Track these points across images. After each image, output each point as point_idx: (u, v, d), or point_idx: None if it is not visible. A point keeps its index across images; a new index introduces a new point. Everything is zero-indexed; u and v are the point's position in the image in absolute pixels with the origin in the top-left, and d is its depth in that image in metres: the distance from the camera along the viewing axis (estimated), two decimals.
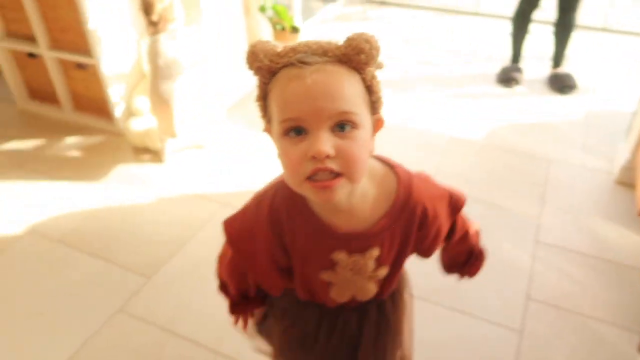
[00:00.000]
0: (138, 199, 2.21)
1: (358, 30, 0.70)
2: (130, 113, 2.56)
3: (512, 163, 2.39)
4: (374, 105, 0.73)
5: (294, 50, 0.67)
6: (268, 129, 0.75)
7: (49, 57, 2.58)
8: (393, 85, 3.08)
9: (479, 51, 3.52)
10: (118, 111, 2.56)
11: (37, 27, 2.48)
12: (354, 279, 0.83)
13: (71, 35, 2.47)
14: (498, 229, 2.01)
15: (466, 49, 3.56)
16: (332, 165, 0.66)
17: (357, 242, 0.79)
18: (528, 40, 3.05)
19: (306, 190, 0.69)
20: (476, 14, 4.13)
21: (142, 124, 2.45)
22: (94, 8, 2.29)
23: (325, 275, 0.84)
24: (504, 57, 3.22)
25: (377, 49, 0.69)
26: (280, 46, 0.69)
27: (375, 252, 0.80)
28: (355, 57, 0.67)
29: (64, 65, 2.64)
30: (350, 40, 0.67)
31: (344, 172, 0.67)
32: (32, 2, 2.42)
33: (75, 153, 2.53)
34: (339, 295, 0.87)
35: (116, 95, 2.52)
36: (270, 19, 3.20)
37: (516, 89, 3.03)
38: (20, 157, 2.51)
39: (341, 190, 0.68)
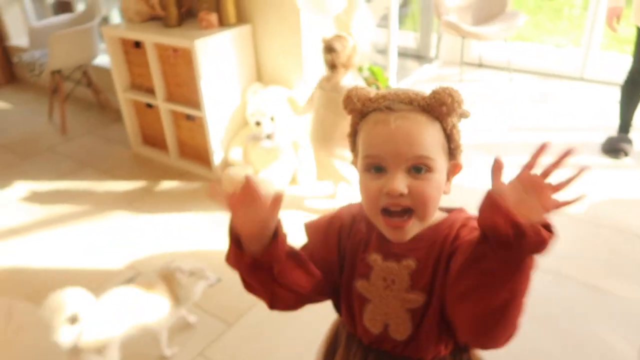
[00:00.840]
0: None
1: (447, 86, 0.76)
2: (227, 162, 2.74)
3: (616, 242, 2.20)
4: (452, 152, 0.80)
5: (384, 97, 0.77)
6: (355, 162, 0.84)
7: (164, 108, 2.85)
8: (487, 149, 3.01)
9: (582, 118, 3.35)
10: (217, 159, 2.74)
11: (157, 82, 2.76)
12: (386, 295, 0.82)
13: (184, 90, 2.72)
14: (602, 318, 1.83)
15: (568, 116, 3.40)
16: (404, 201, 0.74)
17: (398, 247, 0.81)
18: (639, 110, 2.86)
19: (380, 224, 0.78)
20: (581, 79, 3.96)
21: (237, 172, 2.59)
22: (207, 66, 2.51)
23: (360, 284, 0.85)
24: (610, 127, 3.03)
25: (460, 102, 0.75)
26: (373, 92, 0.78)
27: (411, 263, 0.80)
28: (438, 107, 0.75)
29: (175, 115, 2.90)
30: (435, 93, 0.75)
31: (414, 208, 0.75)
32: (157, 60, 2.72)
33: (177, 196, 2.72)
34: (372, 321, 0.85)
35: (216, 145, 2.71)
36: (366, 80, 3.30)
37: (624, 160, 2.82)
38: (128, 196, 2.75)
39: (411, 231, 0.77)
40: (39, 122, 3.73)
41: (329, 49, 2.23)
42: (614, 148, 2.84)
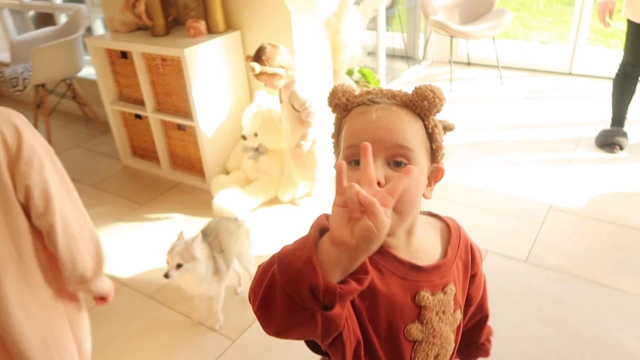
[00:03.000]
0: None
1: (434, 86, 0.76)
2: (225, 171, 2.68)
3: (618, 237, 2.19)
4: (434, 153, 0.78)
5: (368, 92, 0.77)
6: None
7: (154, 118, 2.79)
8: (481, 148, 2.99)
9: (574, 113, 3.36)
10: (210, 170, 2.69)
11: (146, 92, 2.70)
12: (439, 327, 0.80)
13: (174, 99, 2.66)
14: (607, 312, 1.81)
15: (560, 111, 3.40)
16: None
17: (437, 275, 0.80)
18: (632, 102, 2.86)
19: None
20: (569, 74, 3.98)
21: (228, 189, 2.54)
22: (197, 74, 2.46)
23: (414, 329, 0.78)
24: (603, 120, 3.04)
25: (441, 99, 0.74)
26: (358, 90, 0.78)
27: (452, 287, 0.81)
28: (419, 102, 0.74)
29: (165, 126, 2.83)
30: (417, 89, 0.75)
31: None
32: (145, 70, 2.66)
33: (170, 208, 2.66)
34: (424, 357, 0.81)
35: (209, 155, 2.66)
36: (357, 82, 3.27)
37: (619, 154, 2.82)
38: (119, 210, 2.68)
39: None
40: None
41: (257, 56, 2.24)
42: (609, 142, 2.85)
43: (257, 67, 2.21)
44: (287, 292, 0.57)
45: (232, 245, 1.89)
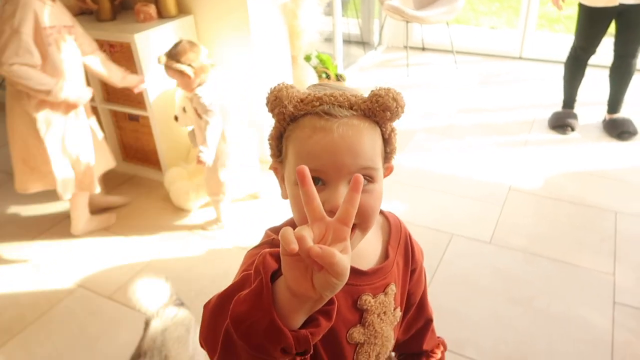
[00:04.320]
0: (189, 253, 2.17)
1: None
2: (182, 163, 2.57)
3: (576, 215, 2.26)
4: (388, 155, 0.74)
5: (319, 99, 0.67)
6: (275, 169, 0.75)
7: (103, 109, 2.63)
8: (440, 133, 3.02)
9: (525, 96, 3.44)
10: (166, 162, 2.57)
11: (93, 81, 2.53)
12: (380, 327, 0.79)
13: (125, 89, 2.51)
14: (571, 290, 1.87)
15: (513, 94, 3.48)
16: None
17: (378, 277, 0.77)
18: (582, 85, 2.96)
19: None
20: (520, 58, 4.08)
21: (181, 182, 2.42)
22: (148, 61, 2.33)
23: (356, 333, 0.76)
24: (554, 103, 3.13)
25: (403, 107, 0.68)
26: (303, 92, 0.68)
27: (393, 287, 0.79)
28: (381, 113, 0.67)
29: (116, 116, 2.68)
30: (377, 97, 0.67)
31: (357, 222, 0.65)
32: None
33: (125, 204, 2.52)
34: (366, 357, 0.80)
35: (165, 146, 2.54)
36: (315, 68, 3.21)
37: (571, 135, 2.92)
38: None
39: (355, 243, 0.67)
40: None
41: (170, 50, 2.07)
42: (561, 124, 2.93)
43: (163, 58, 2.05)
44: (251, 353, 0.54)
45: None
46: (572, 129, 2.92)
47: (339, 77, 3.26)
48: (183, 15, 2.51)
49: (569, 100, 2.99)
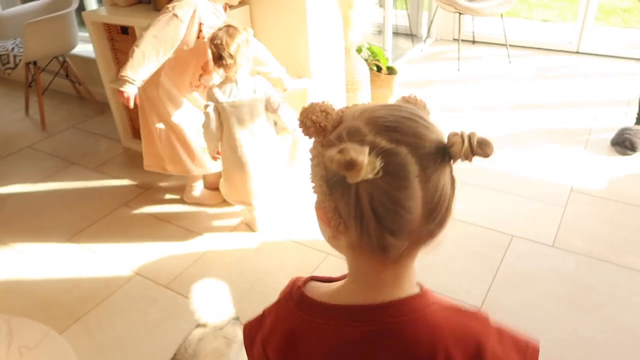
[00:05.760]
0: (243, 245, 2.17)
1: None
2: None
3: None
4: None
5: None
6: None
7: (110, 88, 2.64)
8: (495, 129, 2.92)
9: (584, 92, 3.30)
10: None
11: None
12: None
13: None
14: (638, 298, 1.78)
15: (570, 90, 3.34)
16: None
17: None
18: None
19: None
20: (577, 52, 3.91)
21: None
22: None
23: None
24: (614, 100, 2.98)
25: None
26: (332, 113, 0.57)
27: None
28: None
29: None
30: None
31: None
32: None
33: (178, 191, 2.54)
34: None
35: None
36: (366, 60, 3.16)
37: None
38: (123, 194, 2.56)
39: None
40: (15, 118, 3.47)
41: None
42: (622, 140, 2.63)
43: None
44: None
45: None
46: (634, 148, 2.60)
47: (390, 70, 3.19)
48: (240, 5, 2.50)
49: None
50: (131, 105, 2.07)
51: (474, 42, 4.25)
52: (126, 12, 2.56)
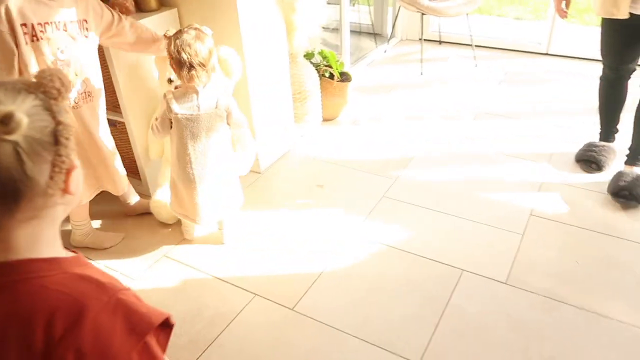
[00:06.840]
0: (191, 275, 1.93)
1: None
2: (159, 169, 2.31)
3: (609, 249, 1.95)
4: None
5: None
6: None
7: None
8: (453, 142, 2.70)
9: (552, 99, 3.09)
10: (148, 171, 2.32)
11: None
12: None
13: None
14: (602, 350, 1.57)
15: (537, 97, 3.14)
16: None
17: None
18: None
19: None
20: (546, 54, 3.71)
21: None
22: (124, 61, 2.06)
23: None
24: (585, 108, 2.78)
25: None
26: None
27: None
28: None
29: None
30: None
31: None
32: None
33: (107, 216, 2.29)
34: None
35: (145, 153, 2.28)
36: (317, 66, 2.91)
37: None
38: None
39: None
40: None
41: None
42: (585, 158, 2.44)
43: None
44: None
45: None
46: (599, 167, 2.39)
47: (343, 77, 2.94)
48: (165, 9, 2.23)
49: (605, 131, 2.47)
50: None
51: (440, 42, 4.02)
52: None
